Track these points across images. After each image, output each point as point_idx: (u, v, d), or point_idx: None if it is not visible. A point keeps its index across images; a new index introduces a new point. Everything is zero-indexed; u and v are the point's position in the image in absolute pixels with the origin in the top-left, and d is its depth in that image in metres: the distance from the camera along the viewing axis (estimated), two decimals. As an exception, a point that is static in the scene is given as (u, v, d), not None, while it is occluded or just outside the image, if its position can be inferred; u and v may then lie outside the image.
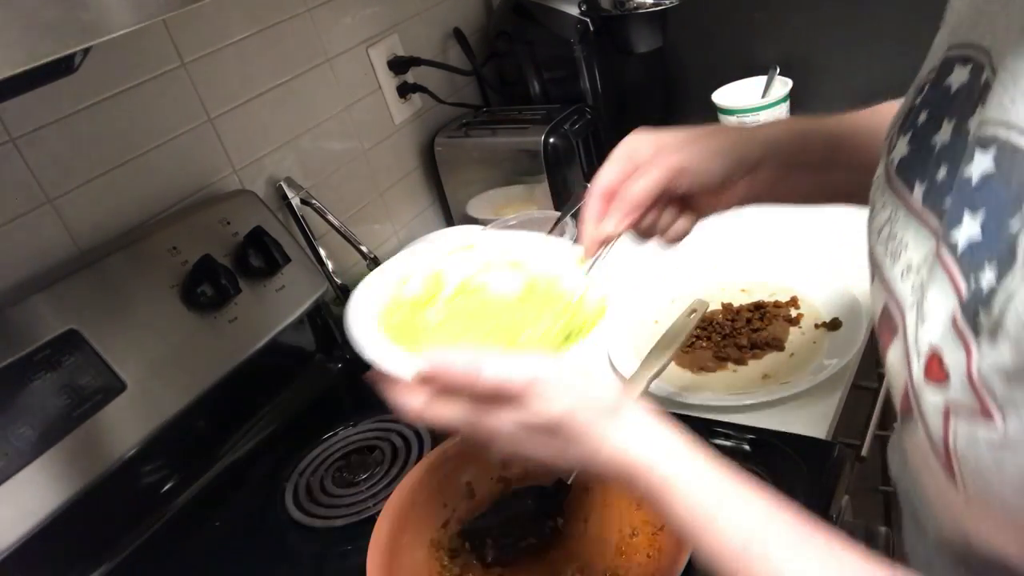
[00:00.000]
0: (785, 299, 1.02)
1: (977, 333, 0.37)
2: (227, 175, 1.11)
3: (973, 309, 0.37)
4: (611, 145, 0.68)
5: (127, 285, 0.91)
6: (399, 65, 1.35)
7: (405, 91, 1.38)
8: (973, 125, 0.42)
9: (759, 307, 1.01)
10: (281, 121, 1.17)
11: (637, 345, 1.02)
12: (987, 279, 0.37)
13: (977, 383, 0.37)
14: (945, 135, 0.46)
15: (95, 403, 0.85)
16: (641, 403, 0.53)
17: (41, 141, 0.90)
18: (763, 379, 0.92)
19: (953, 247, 0.40)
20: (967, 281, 0.38)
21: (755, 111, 1.30)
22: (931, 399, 0.40)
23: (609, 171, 0.65)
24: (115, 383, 0.87)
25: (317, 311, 1.13)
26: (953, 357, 0.38)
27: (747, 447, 0.83)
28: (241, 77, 1.11)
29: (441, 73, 1.43)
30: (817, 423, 0.84)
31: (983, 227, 0.38)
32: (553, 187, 1.29)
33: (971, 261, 0.38)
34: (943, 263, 0.40)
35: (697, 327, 0.87)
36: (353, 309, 0.61)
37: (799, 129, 0.69)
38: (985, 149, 0.39)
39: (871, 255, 0.52)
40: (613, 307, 0.61)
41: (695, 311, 0.87)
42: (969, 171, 0.40)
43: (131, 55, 0.97)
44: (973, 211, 0.39)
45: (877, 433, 0.95)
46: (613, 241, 0.66)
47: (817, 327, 0.97)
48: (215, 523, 0.94)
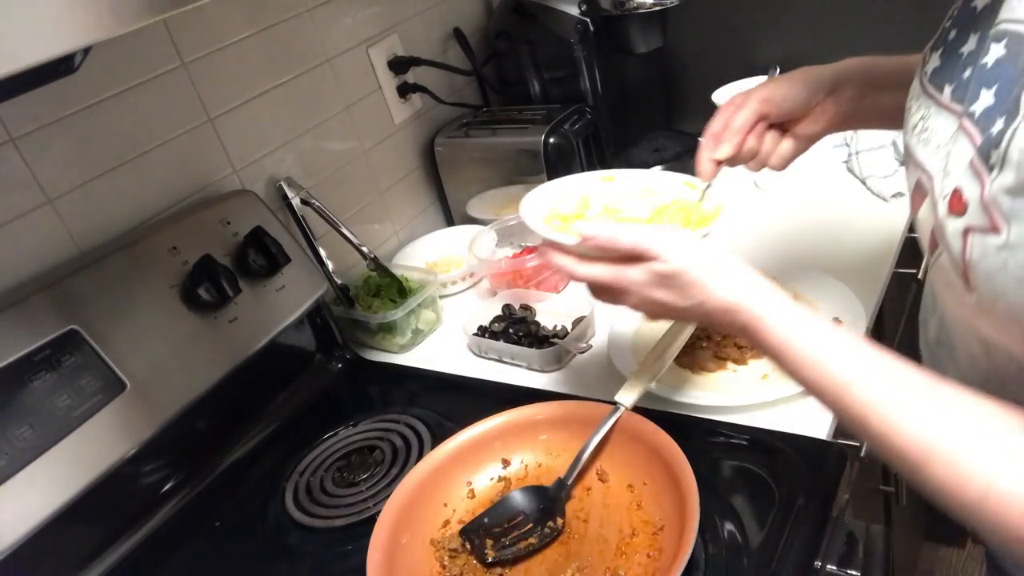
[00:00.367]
0: (785, 299, 1.02)
1: (990, 168, 0.47)
2: (227, 175, 1.11)
3: (986, 150, 0.48)
4: (611, 145, 0.69)
5: (127, 285, 0.91)
6: (399, 65, 1.36)
7: (405, 91, 1.38)
8: (991, 31, 0.53)
9: (759, 307, 1.01)
10: (281, 121, 1.17)
11: (637, 345, 1.02)
12: (997, 127, 0.48)
13: (988, 204, 0.47)
14: (971, 45, 0.56)
15: (95, 403, 0.85)
16: (745, 264, 0.66)
17: (41, 141, 0.90)
18: (763, 379, 0.92)
19: (972, 115, 0.51)
20: (982, 134, 0.49)
21: (755, 111, 1.30)
22: (952, 227, 0.51)
23: (716, 121, 0.81)
24: (115, 383, 0.87)
25: (317, 311, 1.13)
26: (970, 190, 0.49)
27: (747, 447, 0.83)
28: (241, 77, 1.11)
29: (441, 73, 1.43)
30: (817, 423, 0.84)
31: (996, 95, 0.49)
32: (553, 187, 1.29)
33: (986, 120, 0.49)
34: (964, 129, 0.52)
35: (697, 327, 0.87)
36: (526, 206, 0.81)
37: (868, 59, 0.81)
38: (999, 41, 0.51)
39: (906, 148, 0.64)
40: (727, 209, 0.77)
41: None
42: (986, 59, 0.51)
43: (131, 55, 0.97)
44: (988, 87, 0.50)
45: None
46: (723, 166, 0.81)
47: (817, 327, 0.97)
48: (215, 523, 0.94)
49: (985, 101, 0.50)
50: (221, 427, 1.02)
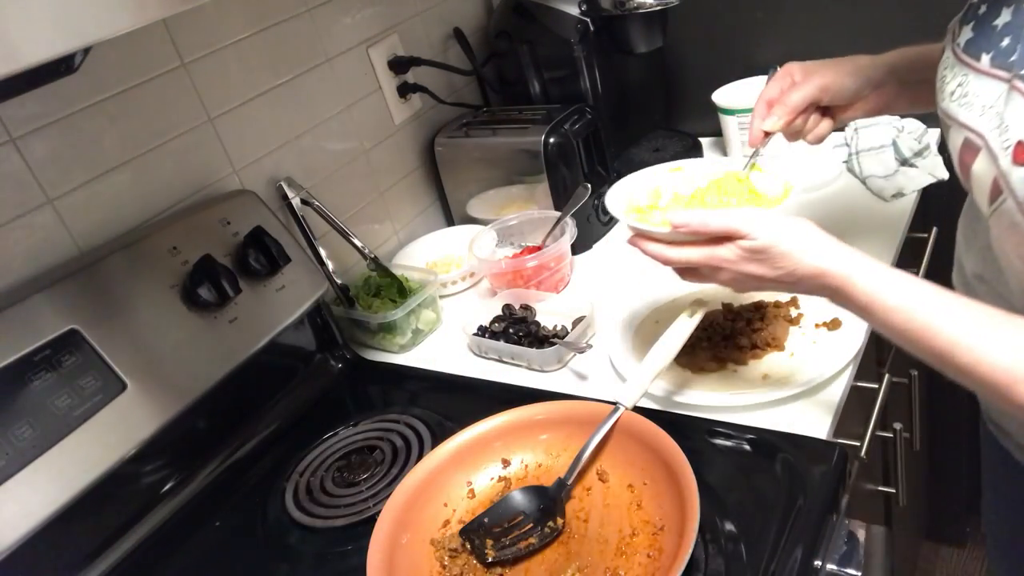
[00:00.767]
0: (785, 299, 1.03)
1: None
2: (227, 175, 1.11)
3: None
4: (611, 145, 0.70)
5: (127, 285, 0.91)
6: (399, 65, 1.36)
7: (405, 91, 1.38)
8: None
9: (759, 307, 1.01)
10: (281, 121, 1.17)
11: (637, 345, 1.02)
12: None
13: None
14: (1006, 17, 0.63)
15: (95, 403, 0.85)
16: (825, 232, 0.72)
17: (41, 141, 0.90)
18: (763, 379, 0.92)
19: (1023, 76, 0.59)
20: None
21: (755, 111, 1.30)
22: (1018, 174, 0.58)
23: (771, 87, 0.89)
24: (115, 383, 0.87)
25: (317, 311, 1.13)
26: None
27: (747, 447, 0.83)
28: (241, 77, 1.11)
29: (441, 73, 1.43)
30: (817, 423, 0.84)
31: None
32: (553, 187, 1.29)
33: None
34: (1017, 88, 0.59)
35: (697, 327, 0.87)
36: (611, 204, 0.88)
37: (912, 55, 0.88)
38: None
39: (944, 114, 0.70)
40: (795, 186, 0.83)
41: (696, 311, 0.87)
42: None
43: (131, 55, 0.97)
44: None
45: (877, 433, 0.95)
46: (772, 136, 0.88)
47: (817, 327, 0.97)
48: (215, 523, 0.94)
49: None
50: (221, 427, 1.02)
